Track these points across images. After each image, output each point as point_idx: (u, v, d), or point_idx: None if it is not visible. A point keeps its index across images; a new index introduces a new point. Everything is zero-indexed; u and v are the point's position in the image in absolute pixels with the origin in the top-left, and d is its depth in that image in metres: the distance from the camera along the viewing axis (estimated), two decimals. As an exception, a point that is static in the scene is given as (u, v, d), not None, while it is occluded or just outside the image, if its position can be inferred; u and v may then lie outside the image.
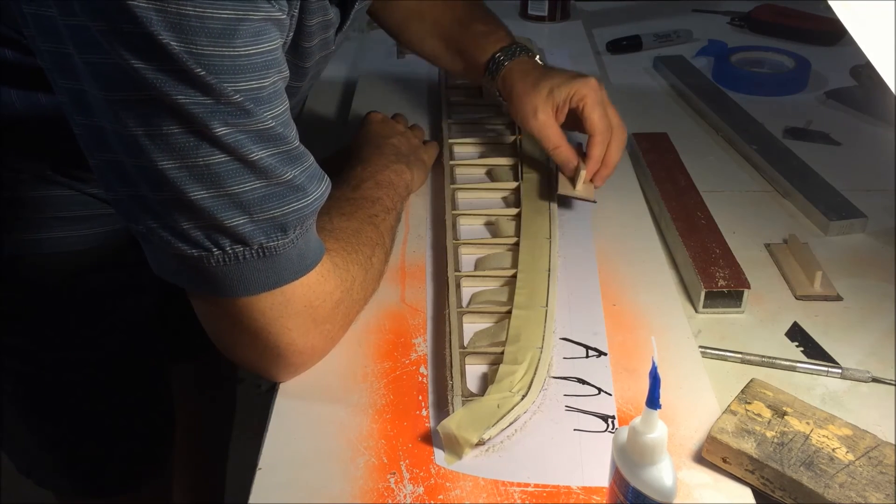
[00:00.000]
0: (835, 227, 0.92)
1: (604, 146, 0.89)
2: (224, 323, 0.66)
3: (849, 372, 0.73)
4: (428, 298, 0.80)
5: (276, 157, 0.59)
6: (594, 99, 0.88)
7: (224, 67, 0.54)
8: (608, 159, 0.90)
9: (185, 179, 0.57)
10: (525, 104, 0.90)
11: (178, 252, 0.60)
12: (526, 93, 0.91)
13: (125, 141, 0.57)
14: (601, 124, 0.88)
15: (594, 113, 0.88)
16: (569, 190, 0.90)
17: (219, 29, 0.53)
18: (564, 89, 0.88)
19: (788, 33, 1.41)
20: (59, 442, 0.92)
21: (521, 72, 0.93)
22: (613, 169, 0.91)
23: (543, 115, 0.89)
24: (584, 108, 0.88)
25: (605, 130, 0.88)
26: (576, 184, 0.90)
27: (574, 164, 0.90)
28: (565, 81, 0.89)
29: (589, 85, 0.88)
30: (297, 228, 0.62)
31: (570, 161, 0.90)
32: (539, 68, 0.93)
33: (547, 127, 0.90)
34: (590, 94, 0.88)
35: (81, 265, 0.83)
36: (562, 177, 0.91)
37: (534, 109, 0.89)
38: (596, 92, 0.88)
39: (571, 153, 0.90)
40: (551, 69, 0.94)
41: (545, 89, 0.89)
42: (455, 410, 0.65)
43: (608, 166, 0.90)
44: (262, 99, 0.57)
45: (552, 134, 0.90)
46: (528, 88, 0.91)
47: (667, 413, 0.66)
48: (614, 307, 0.79)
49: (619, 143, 0.90)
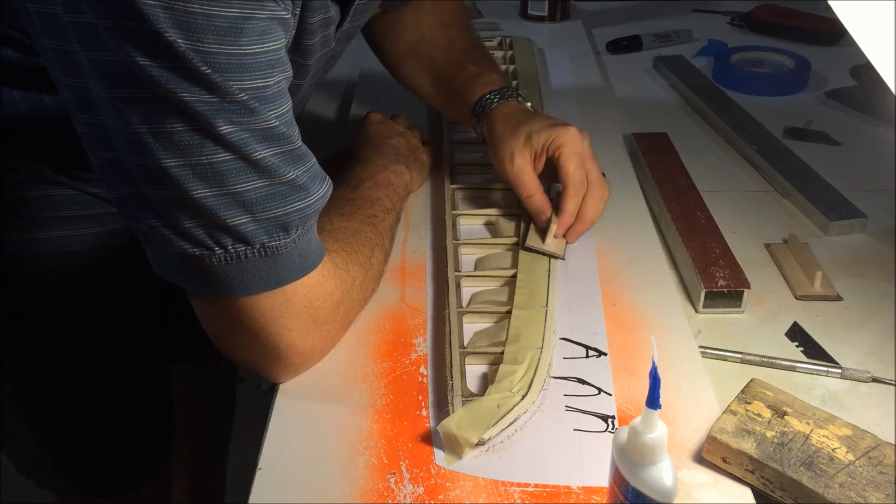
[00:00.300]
0: (835, 227, 0.92)
1: (578, 199, 0.83)
2: (224, 323, 0.67)
3: (849, 372, 0.73)
4: (428, 298, 0.80)
5: (279, 156, 0.59)
6: (571, 149, 0.83)
7: (230, 66, 0.54)
8: (583, 214, 0.84)
9: (188, 177, 0.57)
10: (503, 149, 0.86)
11: (179, 251, 0.60)
12: (505, 136, 0.86)
13: (128, 139, 0.57)
14: (576, 176, 0.82)
15: (570, 163, 0.82)
16: (537, 243, 0.83)
17: (225, 27, 0.53)
18: (543, 135, 0.84)
19: (788, 33, 1.41)
20: (59, 442, 0.92)
21: (504, 115, 0.88)
22: (590, 225, 0.85)
23: (520, 161, 0.84)
24: (559, 157, 0.83)
25: (579, 183, 0.83)
26: (546, 237, 0.83)
27: (546, 217, 0.84)
28: (545, 128, 0.84)
29: (568, 133, 0.83)
30: (299, 228, 0.62)
31: (542, 212, 0.84)
32: (523, 113, 0.89)
33: (522, 173, 0.85)
34: (567, 144, 0.83)
35: (82, 265, 0.83)
36: (532, 228, 0.85)
37: (511, 154, 0.85)
38: (575, 142, 0.83)
39: (545, 204, 0.84)
40: (534, 114, 0.89)
41: (523, 134, 0.85)
42: (455, 410, 0.65)
43: (583, 222, 0.84)
44: (266, 98, 0.57)
45: (527, 181, 0.85)
46: (507, 133, 0.86)
47: (667, 413, 0.66)
48: (614, 307, 0.79)
49: (596, 198, 0.84)
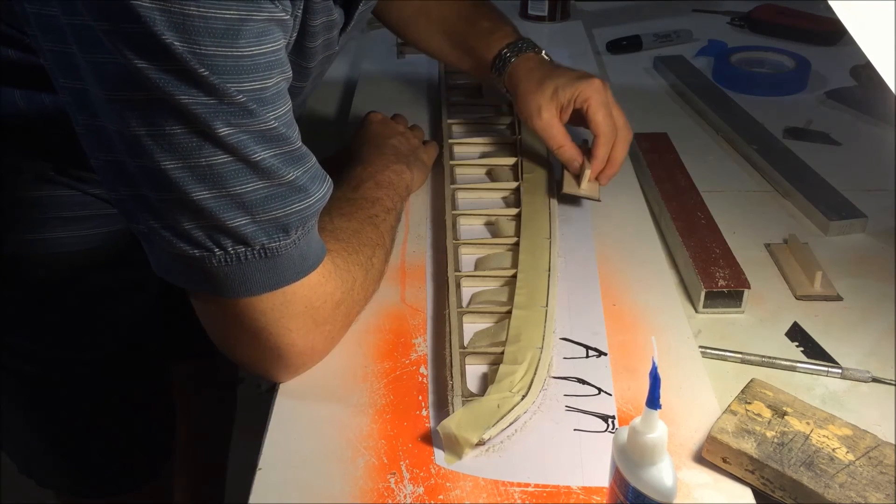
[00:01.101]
0: (835, 227, 0.92)
1: (608, 146, 0.89)
2: (225, 323, 0.67)
3: (849, 372, 0.73)
4: (428, 298, 0.80)
5: (278, 157, 0.59)
6: (598, 100, 0.88)
7: (227, 68, 0.54)
8: (613, 158, 0.90)
9: (188, 180, 0.57)
10: (529, 103, 0.91)
11: (179, 252, 0.60)
12: (530, 91, 0.91)
13: (127, 141, 0.57)
14: (605, 125, 0.88)
15: (598, 114, 0.88)
16: (573, 188, 0.91)
17: (222, 29, 0.53)
18: (569, 90, 0.89)
19: (788, 33, 1.41)
20: (59, 441, 0.92)
21: (527, 69, 0.93)
22: (619, 168, 0.91)
23: (547, 114, 0.90)
24: (588, 109, 0.88)
25: (609, 131, 0.89)
26: (581, 182, 0.90)
27: (578, 163, 0.91)
28: (570, 82, 0.89)
29: (593, 86, 0.89)
30: (298, 229, 0.62)
31: (574, 160, 0.91)
32: (545, 65, 0.94)
33: (551, 126, 0.90)
34: (594, 96, 0.88)
35: (83, 265, 0.83)
36: (566, 175, 0.92)
37: (538, 108, 0.90)
38: (600, 93, 0.89)
39: (576, 152, 0.91)
40: (557, 67, 0.94)
41: (549, 88, 0.90)
42: (455, 410, 0.65)
43: (613, 165, 0.90)
44: (265, 99, 0.57)
45: (556, 133, 0.90)
46: (532, 87, 0.91)
47: (667, 413, 0.66)
48: (614, 307, 0.79)
49: (624, 142, 0.90)
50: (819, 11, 1.41)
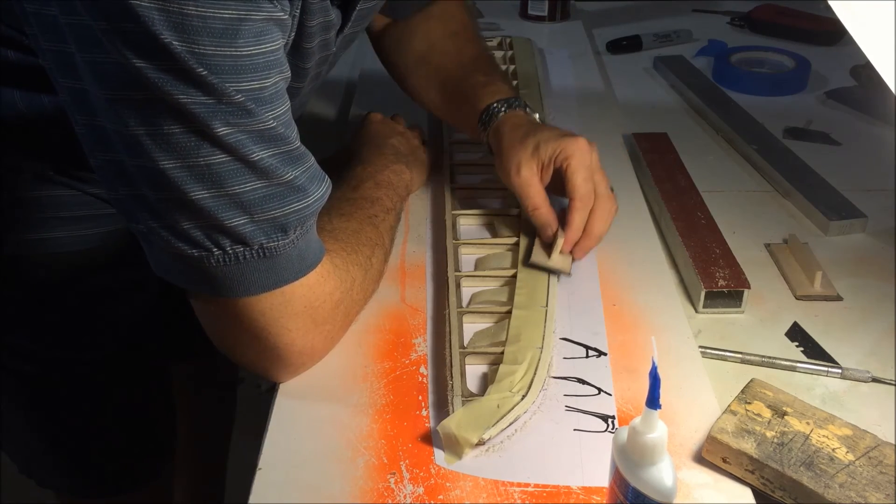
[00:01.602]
0: (835, 227, 0.92)
1: (585, 213, 0.80)
2: (224, 323, 0.67)
3: (849, 372, 0.73)
4: (428, 298, 0.80)
5: (277, 157, 0.59)
6: (579, 161, 0.79)
7: (226, 67, 0.54)
8: (590, 229, 0.80)
9: (186, 179, 0.57)
10: (509, 159, 0.83)
11: (178, 252, 0.60)
12: (512, 147, 0.83)
13: (126, 140, 0.57)
14: (583, 188, 0.79)
15: (577, 175, 0.79)
16: (542, 259, 0.80)
17: (221, 29, 0.53)
18: (550, 146, 0.81)
19: (788, 33, 1.41)
20: (59, 441, 0.92)
21: (512, 125, 0.85)
22: (597, 241, 0.81)
23: (527, 173, 0.81)
24: (567, 169, 0.79)
25: (586, 195, 0.79)
26: (551, 252, 0.80)
27: (553, 230, 0.81)
28: (553, 139, 0.81)
29: (577, 144, 0.80)
30: (297, 229, 0.62)
31: (548, 225, 0.81)
32: (531, 123, 0.86)
33: (528, 185, 0.81)
34: (575, 155, 0.79)
35: (83, 265, 0.83)
36: (537, 242, 0.82)
37: (517, 165, 0.82)
38: (583, 153, 0.80)
39: (552, 217, 0.81)
40: (543, 125, 0.87)
41: (531, 145, 0.82)
42: (455, 410, 0.65)
43: (590, 237, 0.81)
44: (263, 99, 0.57)
45: (533, 193, 0.81)
46: (514, 143, 0.83)
47: (667, 413, 0.66)
48: (614, 307, 0.79)
49: (604, 212, 0.81)
50: (819, 11, 1.41)
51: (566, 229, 0.80)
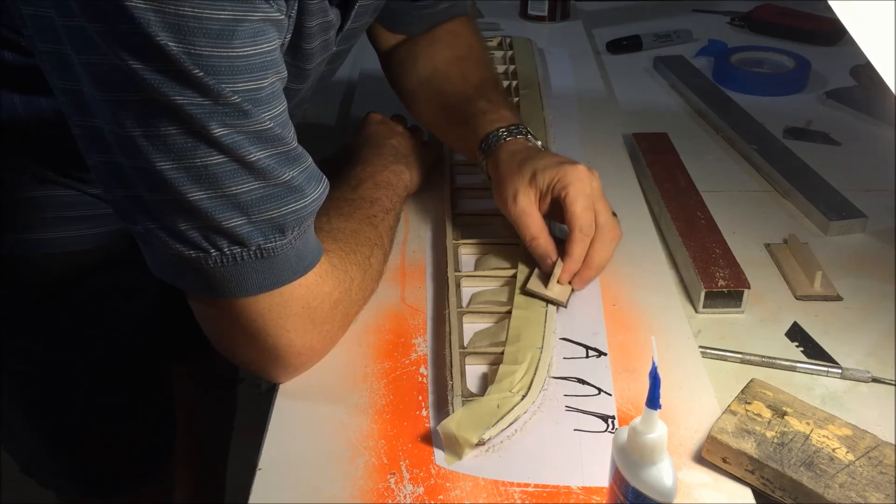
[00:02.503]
0: (835, 227, 0.92)
1: (585, 243, 0.77)
2: (222, 324, 0.66)
3: (849, 372, 0.73)
4: (428, 298, 0.80)
5: (274, 157, 0.59)
6: (578, 189, 0.76)
7: (222, 68, 0.54)
8: (591, 260, 0.77)
9: (183, 180, 0.57)
10: (506, 188, 0.80)
11: (175, 253, 0.60)
12: (509, 175, 0.80)
13: (122, 141, 0.57)
14: (583, 218, 0.76)
15: (576, 205, 0.76)
16: (539, 288, 0.77)
17: (217, 30, 0.53)
18: (548, 174, 0.77)
19: (788, 33, 1.41)
20: (59, 442, 0.92)
21: (510, 152, 0.82)
22: (598, 272, 0.78)
23: (524, 201, 0.78)
24: (565, 198, 0.76)
25: (587, 226, 0.76)
26: (549, 282, 0.77)
27: (552, 260, 0.78)
28: (551, 166, 0.78)
29: (576, 172, 0.77)
30: (295, 229, 0.62)
31: (547, 255, 0.78)
32: (530, 150, 0.82)
33: (526, 215, 0.78)
34: (574, 183, 0.76)
35: (82, 265, 0.83)
36: (536, 271, 0.79)
37: (514, 194, 0.79)
38: (583, 181, 0.77)
39: (550, 247, 0.78)
40: (542, 152, 0.83)
41: (528, 173, 0.79)
42: (455, 410, 0.65)
43: (591, 268, 0.77)
44: (260, 100, 0.57)
45: (531, 223, 0.78)
46: (511, 170, 0.80)
47: (667, 413, 0.66)
48: (614, 307, 0.79)
49: (606, 242, 0.78)
50: (819, 11, 1.41)
51: (565, 260, 0.77)
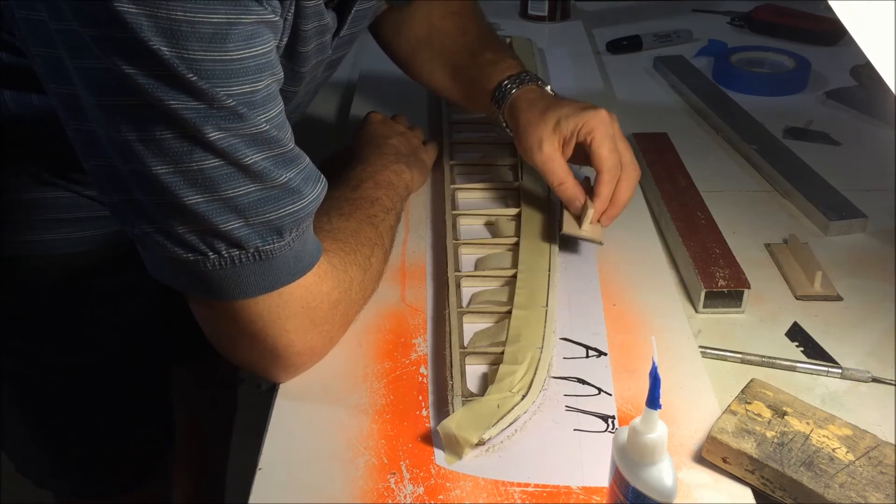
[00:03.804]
0: (835, 227, 0.92)
1: (612, 183, 0.81)
2: (222, 325, 0.66)
3: (849, 372, 0.73)
4: (428, 298, 0.80)
5: (270, 160, 0.59)
6: (603, 132, 0.80)
7: (216, 72, 0.54)
8: (617, 198, 0.82)
9: (179, 184, 0.57)
10: (530, 136, 0.83)
11: (173, 256, 0.60)
12: (531, 123, 0.83)
13: (118, 146, 0.56)
14: (610, 160, 0.80)
15: (603, 147, 0.80)
16: (574, 229, 0.82)
17: (210, 34, 0.53)
18: (572, 121, 0.81)
19: (788, 33, 1.41)
20: (58, 443, 0.92)
21: (528, 101, 0.85)
22: (622, 208, 0.83)
23: (549, 148, 0.82)
24: (592, 142, 0.80)
25: (614, 167, 0.81)
26: (582, 223, 0.82)
27: (580, 202, 0.82)
28: (574, 113, 0.82)
29: (599, 117, 0.81)
30: (293, 231, 0.62)
31: (576, 198, 0.82)
32: (547, 98, 0.86)
33: (552, 161, 0.82)
34: (599, 128, 0.80)
35: (80, 267, 0.83)
36: (566, 214, 0.83)
37: (539, 141, 0.82)
38: (606, 125, 0.81)
39: (578, 190, 0.82)
40: (561, 100, 0.87)
41: (552, 120, 0.82)
42: (455, 410, 0.65)
43: (617, 206, 0.82)
44: (255, 102, 0.57)
45: (557, 168, 0.82)
46: (533, 119, 0.84)
47: (667, 413, 0.66)
48: (614, 307, 0.79)
49: (630, 180, 0.82)
50: (819, 11, 1.41)
51: (595, 200, 0.81)
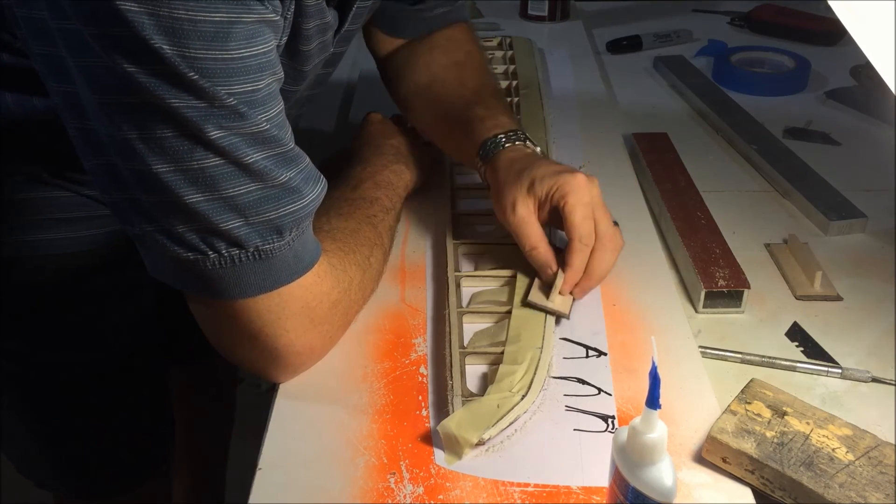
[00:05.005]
0: (835, 227, 0.92)
1: (585, 253, 0.75)
2: (221, 325, 0.66)
3: (849, 372, 0.73)
4: (428, 298, 0.80)
5: (270, 159, 0.59)
6: (577, 199, 0.75)
7: (217, 71, 0.54)
8: (591, 270, 0.76)
9: (180, 183, 0.57)
10: (505, 196, 0.78)
11: (173, 255, 0.60)
12: (507, 184, 0.79)
13: (119, 145, 0.56)
14: (582, 228, 0.75)
15: (575, 214, 0.74)
16: (541, 300, 0.76)
17: (211, 32, 0.53)
18: (546, 183, 0.76)
19: (788, 33, 1.41)
20: (57, 444, 0.92)
21: (508, 160, 0.81)
22: (599, 281, 0.77)
23: (523, 210, 0.77)
24: (564, 207, 0.75)
25: (586, 235, 0.75)
26: (551, 293, 0.76)
27: (552, 270, 0.76)
28: (549, 175, 0.77)
29: (575, 181, 0.75)
30: (292, 230, 0.62)
31: (547, 266, 0.77)
32: (528, 157, 0.81)
33: (525, 224, 0.77)
34: (573, 193, 0.75)
35: (79, 266, 0.83)
36: (537, 282, 0.78)
37: (513, 203, 0.77)
38: (582, 190, 0.75)
39: (550, 257, 0.77)
40: (541, 160, 0.81)
41: (527, 182, 0.77)
42: (455, 410, 0.65)
43: (591, 278, 0.76)
44: (256, 101, 0.57)
45: (530, 232, 0.77)
46: (510, 179, 0.79)
47: (667, 413, 0.66)
48: (614, 307, 0.79)
49: (606, 252, 0.76)
50: (819, 11, 1.41)
51: (566, 270, 0.76)
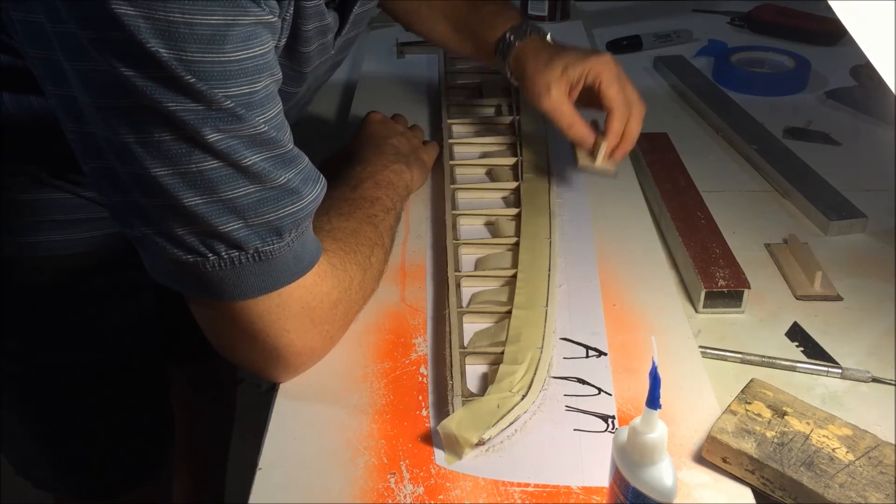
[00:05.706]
0: (835, 227, 0.92)
1: (623, 120, 0.88)
2: (222, 326, 0.66)
3: (849, 372, 0.73)
4: (428, 298, 0.80)
5: (269, 161, 0.59)
6: (610, 75, 0.87)
7: (214, 73, 0.54)
8: (628, 134, 0.88)
9: (178, 186, 0.57)
10: (538, 83, 0.89)
11: (173, 258, 0.60)
12: (538, 71, 0.89)
13: (117, 148, 0.56)
14: (619, 99, 0.87)
15: (611, 88, 0.87)
16: (588, 163, 0.89)
17: (208, 35, 0.52)
18: (579, 66, 0.87)
19: (788, 33, 1.41)
20: (57, 444, 0.92)
21: (533, 50, 0.91)
22: (633, 144, 0.89)
23: (557, 93, 0.88)
24: (600, 85, 0.87)
25: (623, 106, 0.87)
26: (596, 158, 0.88)
27: (590, 141, 0.89)
28: (580, 59, 0.88)
29: (604, 61, 0.88)
30: (292, 231, 0.62)
31: (586, 138, 0.89)
32: (551, 47, 0.92)
33: (561, 104, 0.88)
34: (605, 71, 0.87)
35: (79, 267, 0.83)
36: (580, 151, 0.91)
37: (547, 87, 0.88)
38: (612, 68, 0.88)
39: (587, 130, 0.89)
40: (564, 47, 0.92)
41: (559, 67, 0.88)
42: (455, 410, 0.65)
43: (627, 141, 0.89)
44: (253, 103, 0.57)
45: (567, 111, 0.88)
46: (540, 66, 0.89)
47: (667, 413, 0.66)
48: (614, 307, 0.79)
49: (639, 117, 0.89)
50: (819, 11, 1.41)
51: (607, 135, 0.87)
